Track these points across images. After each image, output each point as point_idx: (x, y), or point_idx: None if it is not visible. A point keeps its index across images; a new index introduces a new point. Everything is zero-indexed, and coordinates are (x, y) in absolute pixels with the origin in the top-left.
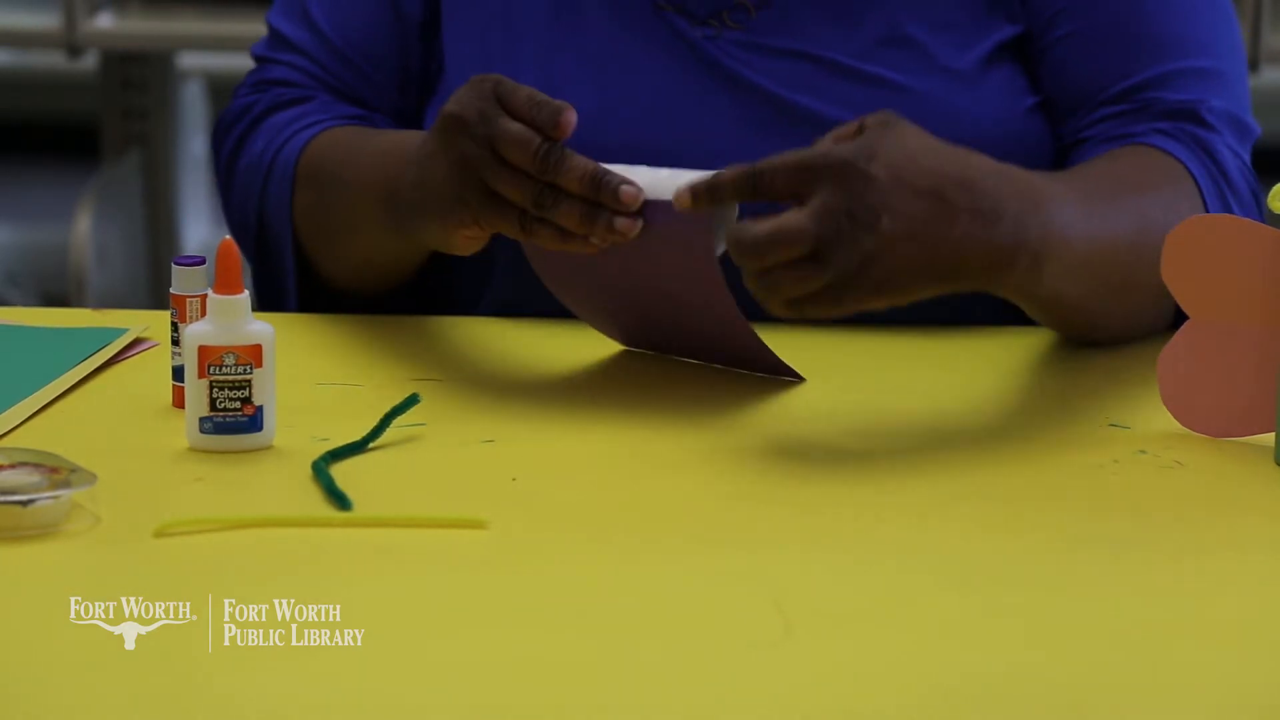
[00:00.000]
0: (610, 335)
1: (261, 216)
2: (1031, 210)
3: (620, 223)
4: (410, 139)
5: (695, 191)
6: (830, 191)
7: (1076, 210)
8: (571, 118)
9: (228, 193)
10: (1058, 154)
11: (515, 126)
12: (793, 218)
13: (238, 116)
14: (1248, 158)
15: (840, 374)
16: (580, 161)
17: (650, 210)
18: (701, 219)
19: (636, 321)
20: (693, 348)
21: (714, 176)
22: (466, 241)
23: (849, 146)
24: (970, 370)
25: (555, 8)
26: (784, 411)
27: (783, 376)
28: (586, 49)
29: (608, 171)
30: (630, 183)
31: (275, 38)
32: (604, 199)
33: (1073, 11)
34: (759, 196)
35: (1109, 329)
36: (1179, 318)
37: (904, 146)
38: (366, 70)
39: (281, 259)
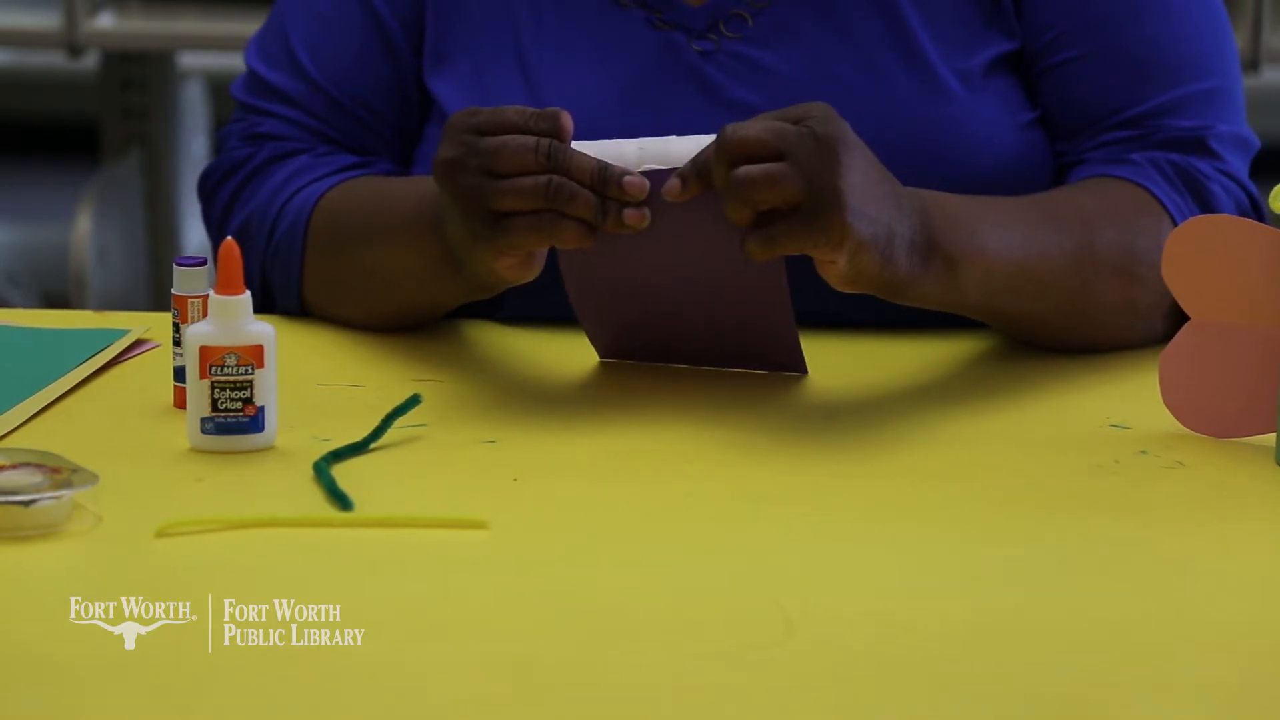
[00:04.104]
0: (602, 339)
1: (264, 270)
2: (947, 225)
3: (629, 215)
4: (431, 187)
5: (683, 178)
6: (803, 121)
7: (999, 229)
8: (569, 121)
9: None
10: (1056, 170)
11: (508, 136)
12: (773, 122)
13: (232, 169)
14: (1247, 173)
15: (840, 375)
16: (582, 155)
17: (661, 182)
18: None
19: (652, 314)
20: (701, 340)
21: (695, 159)
22: (511, 271)
23: (817, 105)
24: (971, 371)
25: (543, 27)
26: (784, 412)
27: (785, 371)
28: (578, 70)
29: (608, 165)
30: (632, 174)
31: (260, 84)
32: (610, 192)
33: (1075, 35)
34: (740, 159)
35: (1081, 341)
36: (1180, 319)
37: (849, 129)
38: (364, 118)
39: (286, 307)
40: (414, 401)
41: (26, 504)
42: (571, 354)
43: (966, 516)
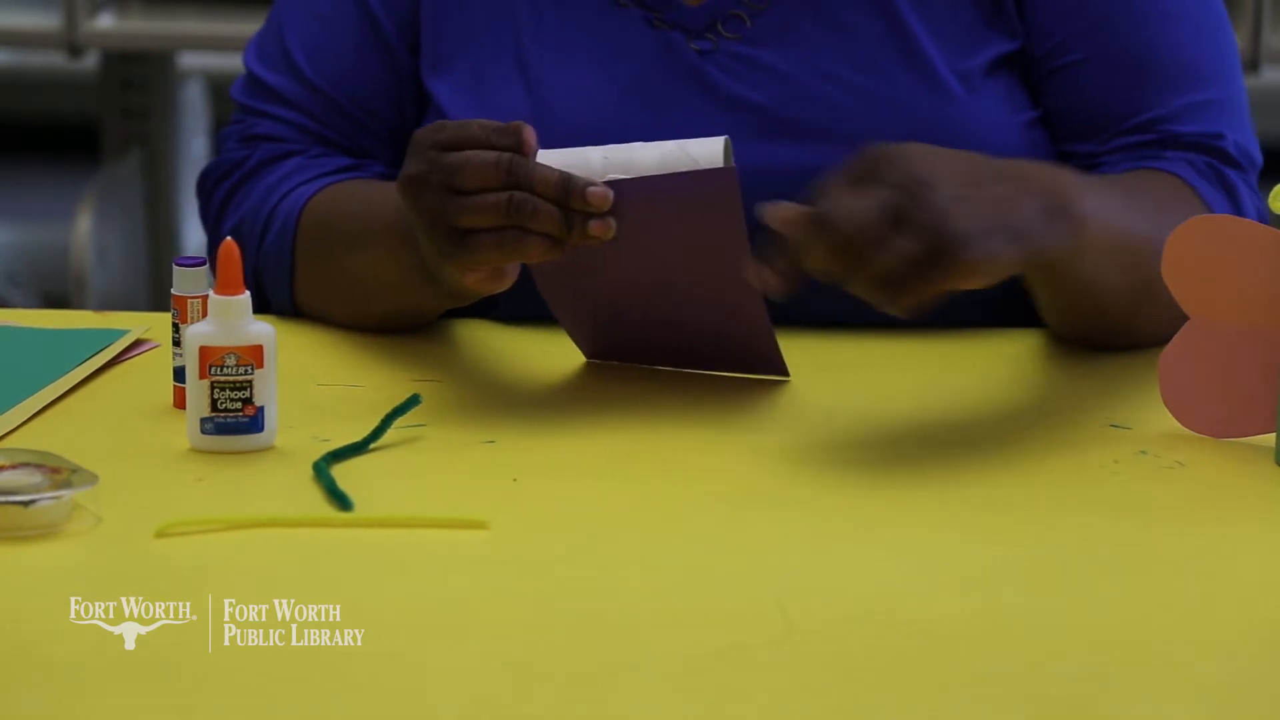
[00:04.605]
0: (584, 341)
1: (256, 271)
2: (1060, 190)
3: (594, 226)
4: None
5: (786, 218)
6: (882, 179)
7: (1109, 201)
8: (532, 135)
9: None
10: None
11: (471, 152)
12: (867, 202)
13: (227, 171)
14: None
15: (840, 376)
16: (544, 169)
17: (626, 190)
18: (682, 184)
19: (629, 319)
20: (681, 343)
21: (788, 216)
22: (481, 284)
23: (876, 149)
24: (970, 371)
25: (543, 28)
26: (784, 413)
27: (764, 374)
28: (578, 71)
29: (571, 177)
30: (595, 184)
31: (258, 85)
32: (574, 204)
33: (1080, 39)
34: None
35: (1133, 332)
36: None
37: (918, 146)
38: (362, 119)
39: (279, 308)
40: (414, 401)
41: (26, 504)
42: (571, 354)
43: (966, 516)
